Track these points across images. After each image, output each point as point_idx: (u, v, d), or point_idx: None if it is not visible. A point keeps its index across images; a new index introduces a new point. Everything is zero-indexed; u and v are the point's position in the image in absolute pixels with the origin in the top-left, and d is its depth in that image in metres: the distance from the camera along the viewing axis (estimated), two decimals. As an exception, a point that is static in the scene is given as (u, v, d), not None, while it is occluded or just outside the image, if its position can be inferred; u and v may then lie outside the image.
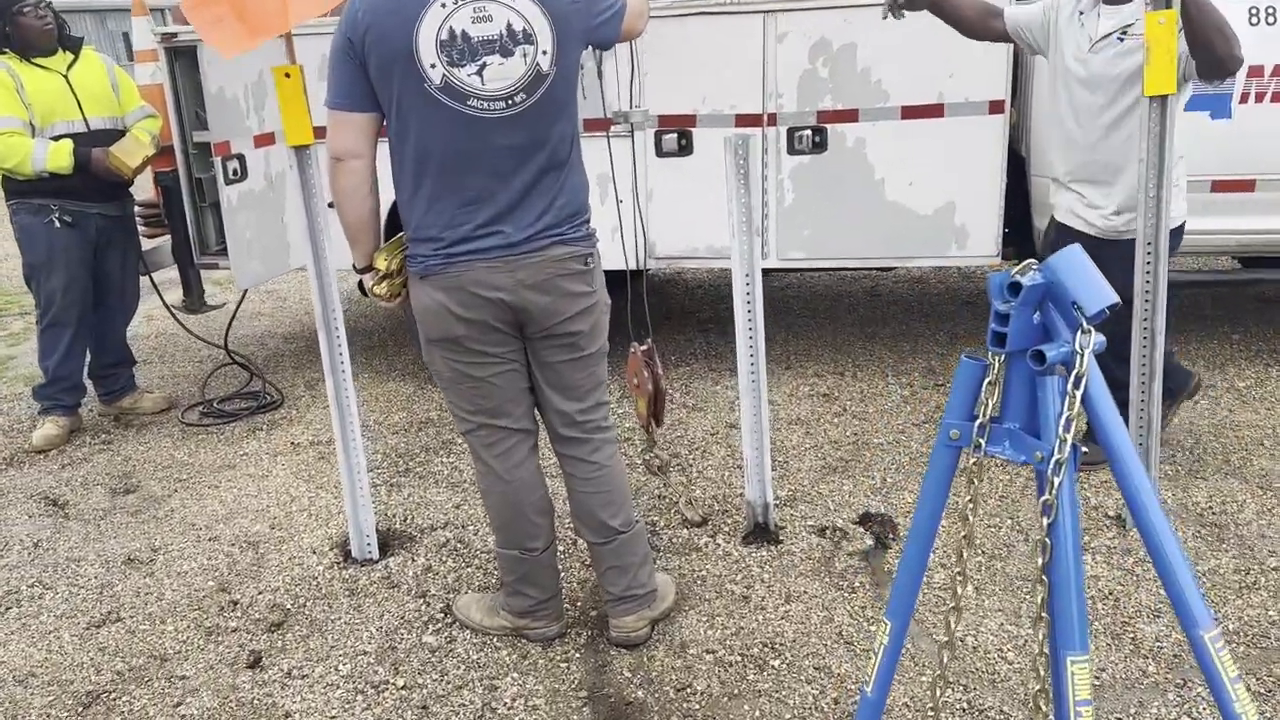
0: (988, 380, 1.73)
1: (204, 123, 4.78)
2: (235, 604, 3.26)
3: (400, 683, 2.80)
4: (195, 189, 4.95)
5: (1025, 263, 1.68)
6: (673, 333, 5.73)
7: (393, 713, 2.68)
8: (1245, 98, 4.26)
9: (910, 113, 4.40)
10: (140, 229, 5.05)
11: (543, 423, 2.88)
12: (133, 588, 3.40)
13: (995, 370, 1.73)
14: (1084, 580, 1.99)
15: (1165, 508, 3.41)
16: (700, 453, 4.16)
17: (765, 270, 5.04)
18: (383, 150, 2.63)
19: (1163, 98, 2.96)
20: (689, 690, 2.70)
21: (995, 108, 4.34)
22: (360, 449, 3.41)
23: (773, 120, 4.52)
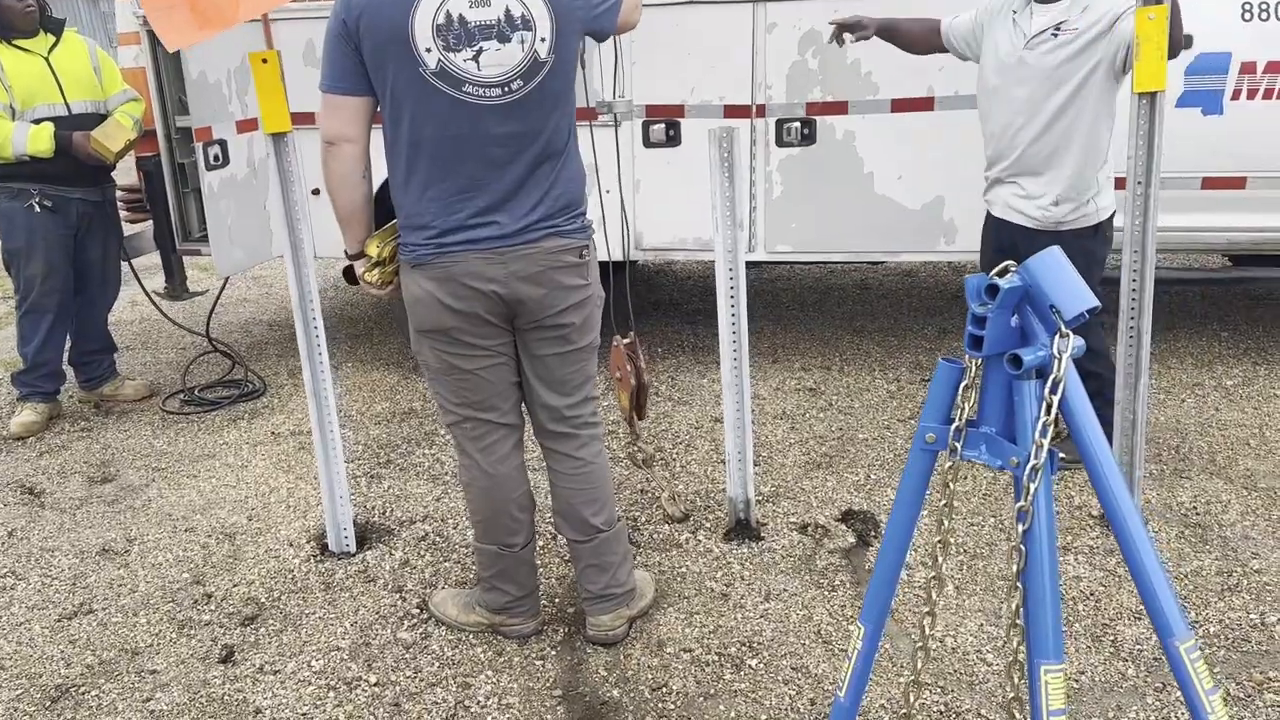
0: (964, 384, 1.71)
1: (187, 107, 4.72)
2: (209, 597, 3.22)
3: (373, 679, 2.77)
4: (178, 174, 4.90)
5: (1003, 265, 1.65)
6: (660, 324, 5.70)
7: (364, 710, 2.65)
8: (1237, 94, 4.23)
9: (900, 105, 4.36)
10: (122, 214, 5.00)
11: (529, 416, 2.84)
12: (106, 579, 3.36)
13: (972, 374, 1.70)
14: (1060, 587, 1.96)
15: (1148, 508, 3.40)
16: (684, 447, 4.13)
17: (753, 263, 5.03)
18: (375, 136, 2.59)
19: (1152, 94, 2.93)
20: (665, 690, 2.67)
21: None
22: (338, 441, 3.37)
23: (761, 112, 4.48)
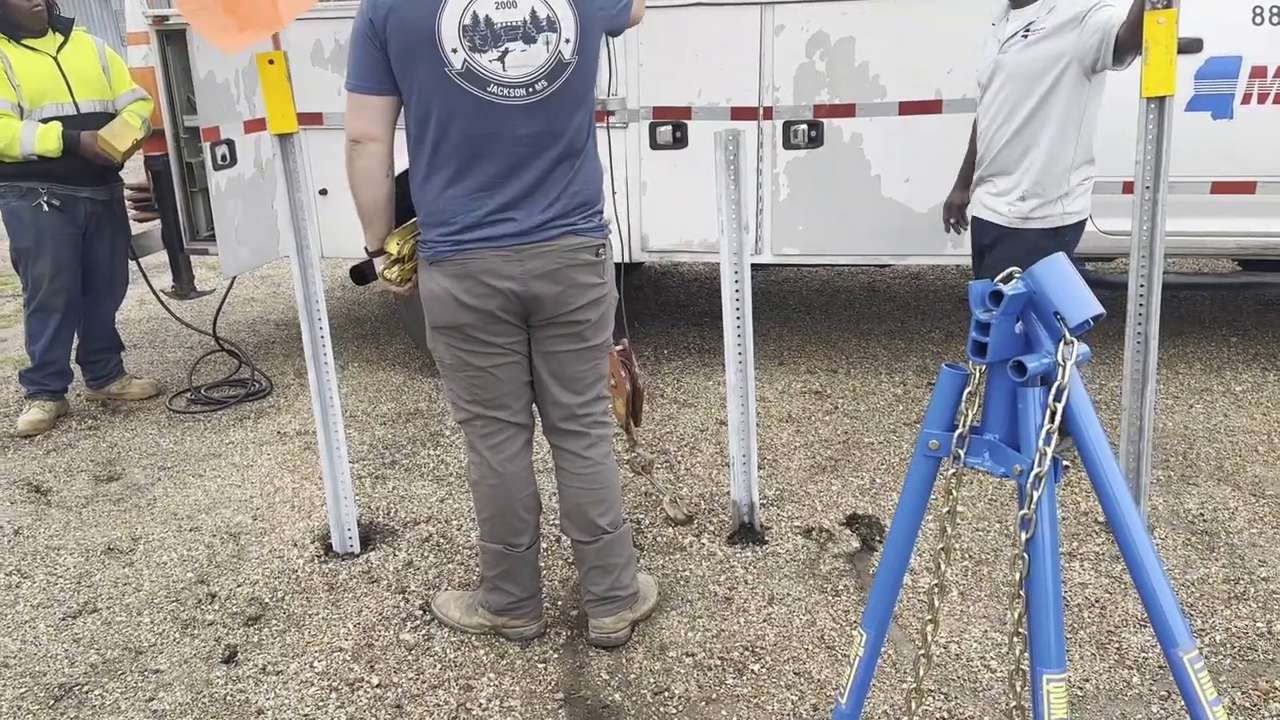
0: (968, 390, 1.70)
1: (195, 107, 4.73)
2: (213, 596, 3.22)
3: (375, 681, 2.76)
4: (186, 173, 4.91)
5: (1007, 271, 1.64)
6: (666, 326, 5.69)
7: (366, 711, 2.65)
8: (1248, 98, 4.21)
9: (908, 108, 4.35)
10: (130, 213, 5.01)
11: (539, 415, 2.84)
12: (111, 578, 3.37)
13: (976, 380, 1.69)
14: (1063, 595, 1.95)
15: (1155, 515, 3.38)
16: (689, 449, 4.13)
17: (759, 265, 5.03)
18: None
19: (1160, 99, 2.91)
20: (667, 694, 2.66)
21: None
22: (343, 442, 3.37)
23: (769, 114, 4.47)
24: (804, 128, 4.46)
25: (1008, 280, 1.62)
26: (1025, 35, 3.33)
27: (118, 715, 2.70)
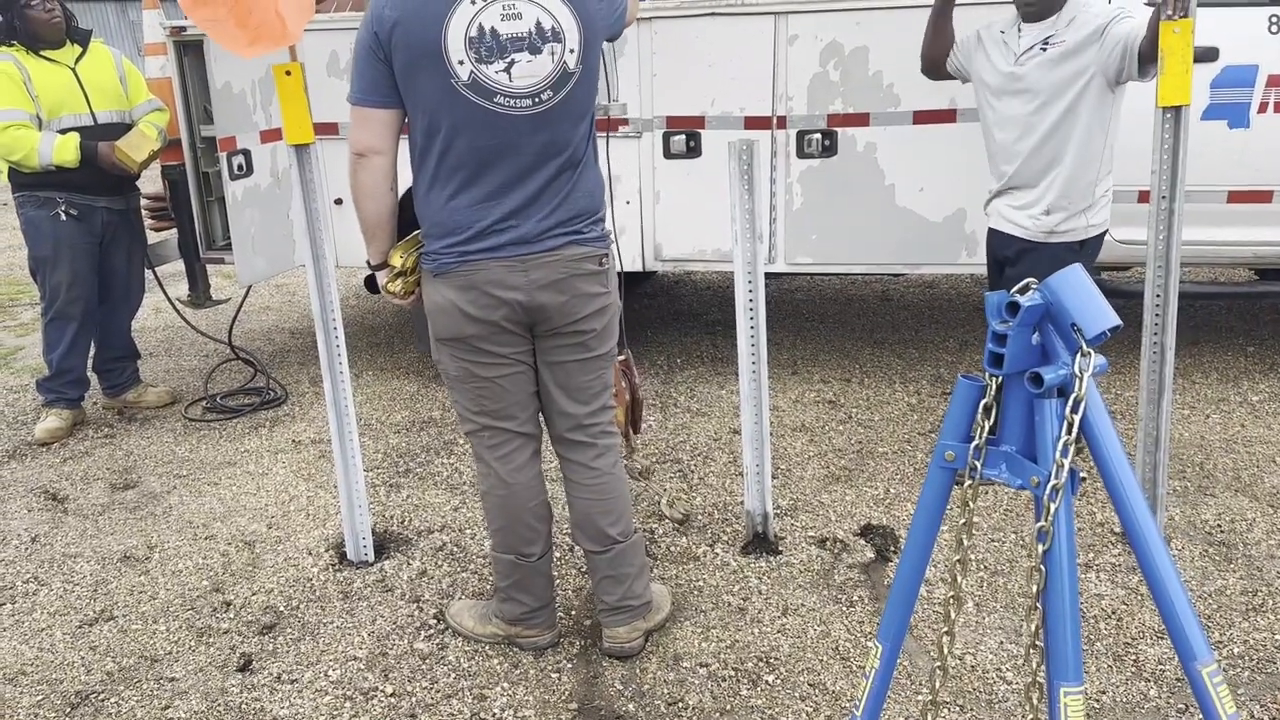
0: (984, 402, 1.69)
1: (212, 117, 4.76)
2: (228, 605, 3.23)
3: (389, 690, 2.77)
4: (202, 183, 4.94)
5: (1024, 282, 1.63)
6: (679, 335, 5.69)
7: (381, 720, 2.66)
8: (1264, 107, 4.19)
9: (922, 117, 4.34)
10: (147, 222, 5.04)
11: (546, 425, 2.85)
12: (127, 586, 3.38)
13: (992, 392, 1.68)
14: (1080, 607, 1.94)
15: (1172, 526, 3.36)
16: (703, 459, 4.12)
17: (773, 274, 5.02)
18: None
19: (1176, 109, 2.91)
20: (680, 704, 2.66)
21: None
22: (357, 451, 3.38)
23: (782, 123, 4.47)
24: (818, 137, 4.46)
25: (1024, 291, 1.61)
26: (1044, 49, 3.31)
27: (133, 723, 2.71)
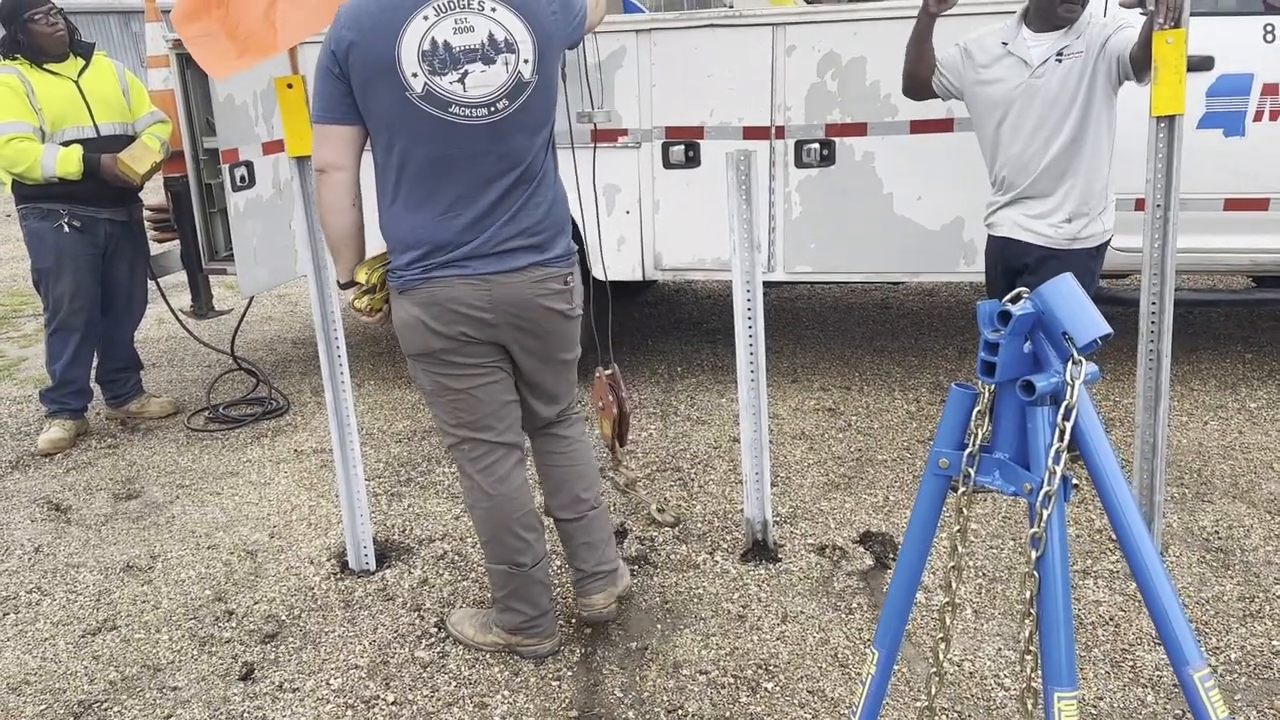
0: (977, 409, 1.71)
1: (215, 129, 4.79)
2: (231, 614, 3.25)
3: (390, 698, 2.78)
4: (205, 194, 4.97)
5: (1016, 291, 1.66)
6: (679, 343, 5.71)
7: (382, 728, 2.67)
8: (1260, 115, 4.22)
9: (919, 127, 4.37)
10: (149, 234, 5.07)
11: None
12: (130, 595, 3.40)
13: (985, 400, 1.70)
14: (1074, 614, 1.95)
15: (1169, 532, 3.37)
16: (702, 467, 4.14)
17: (772, 283, 5.04)
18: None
19: (1170, 118, 2.93)
20: (680, 712, 2.67)
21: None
22: (359, 461, 3.40)
23: (781, 133, 4.50)
24: (816, 147, 4.48)
25: (1016, 300, 1.63)
26: (1059, 59, 3.36)
27: (136, 732, 2.73)
